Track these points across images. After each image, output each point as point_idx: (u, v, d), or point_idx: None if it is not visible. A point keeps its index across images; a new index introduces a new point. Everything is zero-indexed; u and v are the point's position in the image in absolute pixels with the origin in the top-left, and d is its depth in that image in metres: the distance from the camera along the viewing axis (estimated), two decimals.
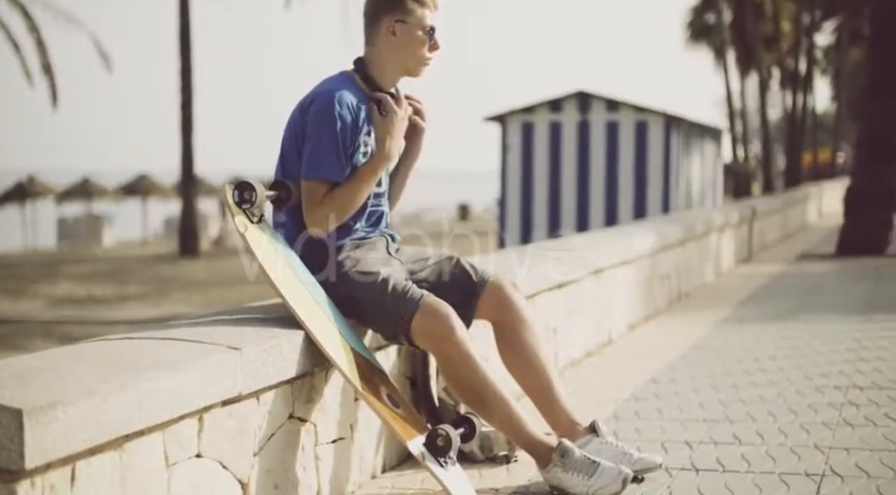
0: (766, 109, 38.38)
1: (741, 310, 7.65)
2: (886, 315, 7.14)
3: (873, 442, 3.90)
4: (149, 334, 2.95)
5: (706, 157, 21.09)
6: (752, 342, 6.15)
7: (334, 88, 3.45)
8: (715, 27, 39.50)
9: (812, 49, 39.61)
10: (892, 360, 5.45)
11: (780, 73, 47.19)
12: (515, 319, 3.62)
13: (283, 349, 3.03)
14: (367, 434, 3.61)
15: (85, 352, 2.68)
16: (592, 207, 17.73)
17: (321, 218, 3.37)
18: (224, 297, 19.42)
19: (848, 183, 12.71)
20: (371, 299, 3.37)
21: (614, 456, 3.44)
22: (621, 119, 17.73)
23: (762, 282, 9.38)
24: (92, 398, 2.29)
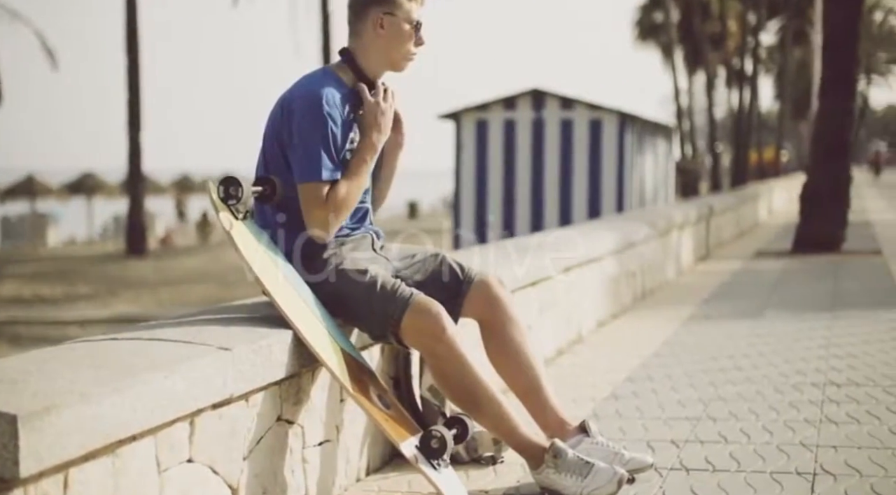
0: (714, 108, 38.66)
1: (707, 307, 7.65)
2: (851, 311, 7.16)
3: (859, 440, 3.87)
4: (134, 335, 2.84)
5: (658, 156, 21.16)
6: (724, 339, 6.13)
7: (318, 87, 3.36)
8: (663, 26, 39.75)
9: (758, 48, 39.98)
10: (863, 357, 5.45)
11: (726, 72, 47.63)
12: (503, 317, 3.55)
13: (273, 349, 2.94)
14: (352, 435, 3.53)
15: (72, 354, 2.57)
16: (547, 205, 17.71)
17: (324, 219, 3.28)
18: (174, 297, 19.20)
19: (794, 180, 12.80)
20: (359, 298, 3.28)
21: (605, 456, 3.38)
22: (576, 117, 17.73)
23: (723, 280, 9.40)
24: (86, 401, 2.19)
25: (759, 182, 35.02)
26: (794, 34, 48.60)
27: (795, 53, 51.89)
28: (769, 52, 53.27)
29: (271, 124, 3.42)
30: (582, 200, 17.64)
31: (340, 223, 3.34)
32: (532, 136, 17.68)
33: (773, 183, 27.94)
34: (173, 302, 18.54)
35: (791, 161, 70.67)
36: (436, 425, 3.23)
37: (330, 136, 3.28)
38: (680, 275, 9.75)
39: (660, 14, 41.82)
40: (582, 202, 17.63)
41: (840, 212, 11.91)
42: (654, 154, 20.43)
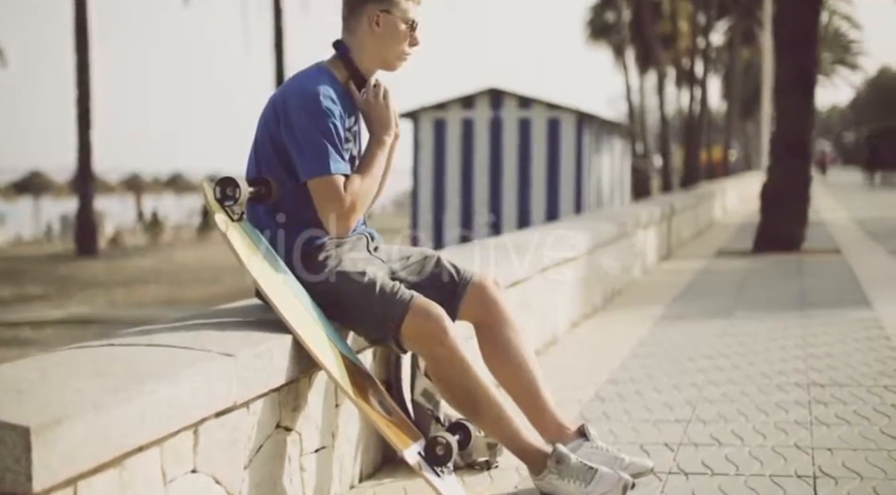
0: (665, 108, 38.88)
1: (677, 307, 7.64)
2: (821, 311, 7.18)
3: (853, 442, 3.85)
4: (132, 340, 2.76)
5: (615, 155, 21.22)
6: (699, 340, 6.12)
7: (313, 84, 3.29)
8: (614, 26, 39.92)
9: (708, 48, 40.27)
10: (842, 357, 5.45)
11: (675, 72, 47.95)
12: (500, 319, 3.49)
13: (274, 354, 2.86)
14: (347, 441, 3.45)
15: (74, 361, 2.48)
16: (505, 205, 17.68)
17: (342, 213, 3.22)
18: (128, 297, 18.94)
19: (745, 180, 12.87)
20: (357, 300, 3.21)
21: (605, 460, 3.32)
22: (534, 116, 17.71)
23: (689, 279, 9.40)
24: (97, 412, 2.10)
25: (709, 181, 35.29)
26: (742, 35, 49.05)
27: (744, 54, 52.36)
28: (717, 53, 53.66)
29: (264, 125, 3.34)
30: (540, 200, 17.63)
31: (359, 217, 3.29)
32: (490, 136, 17.64)
33: (727, 182, 28.13)
34: (127, 302, 18.28)
35: (738, 160, 71.31)
36: (439, 431, 3.16)
37: (333, 130, 3.20)
38: (646, 275, 9.75)
39: (612, 14, 42.01)
40: (540, 202, 17.62)
41: (800, 211, 11.98)
42: (610, 153, 20.47)
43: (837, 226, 16.45)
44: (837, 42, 71.06)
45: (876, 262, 10.48)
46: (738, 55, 49.27)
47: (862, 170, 46.57)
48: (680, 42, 44.09)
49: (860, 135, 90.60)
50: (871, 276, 9.16)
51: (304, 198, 3.29)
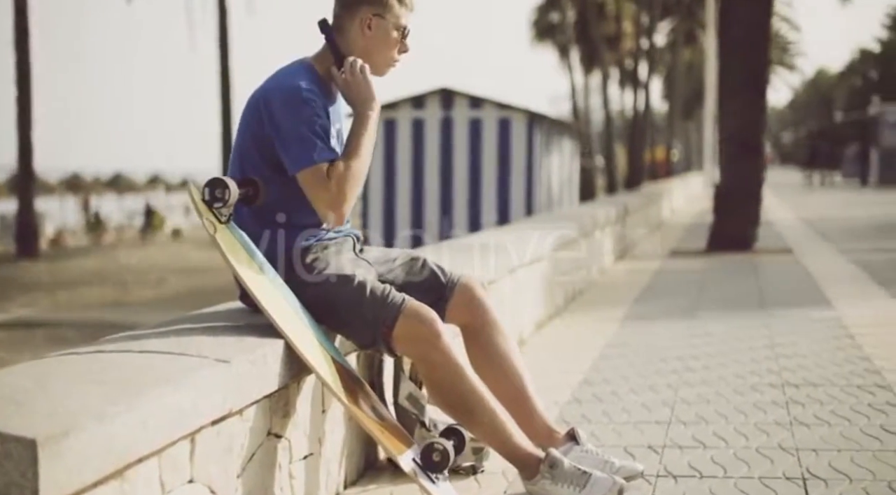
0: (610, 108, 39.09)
1: (639, 307, 7.64)
2: (783, 310, 7.21)
3: (836, 442, 3.85)
4: (122, 347, 2.67)
5: (564, 155, 21.25)
6: (666, 340, 6.11)
7: (292, 77, 3.22)
8: (559, 26, 40.06)
9: (652, 49, 40.55)
10: (811, 357, 5.46)
11: (619, 73, 48.25)
12: (487, 322, 3.45)
13: (267, 360, 2.79)
14: (332, 448, 3.38)
15: (67, 369, 2.39)
16: (456, 205, 17.62)
17: (331, 200, 3.11)
18: (72, 299, 18.65)
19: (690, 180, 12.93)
20: (347, 304, 3.14)
21: (596, 464, 3.29)
22: (484, 116, 17.66)
23: (647, 279, 9.42)
24: (102, 422, 2.02)
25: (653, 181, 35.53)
26: (684, 36, 49.50)
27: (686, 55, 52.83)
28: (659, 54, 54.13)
29: (245, 125, 3.27)
30: (491, 200, 17.58)
31: (351, 202, 3.16)
32: (441, 136, 17.57)
33: (673, 183, 28.32)
34: (71, 304, 17.99)
35: (680, 161, 71.91)
36: (431, 436, 3.10)
37: (315, 119, 3.12)
38: (604, 275, 9.75)
39: (556, 15, 42.16)
40: (491, 202, 17.57)
41: (753, 211, 12.06)
42: (560, 153, 20.49)
43: (785, 225, 16.61)
44: (776, 43, 71.84)
45: (829, 262, 10.57)
46: (680, 56, 49.72)
47: (802, 170, 47.15)
48: (624, 43, 44.35)
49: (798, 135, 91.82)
50: (827, 276, 9.23)
51: (289, 198, 3.22)
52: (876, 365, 5.20)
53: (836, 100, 78.35)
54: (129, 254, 27.54)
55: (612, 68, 45.54)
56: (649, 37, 39.94)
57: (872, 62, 67.37)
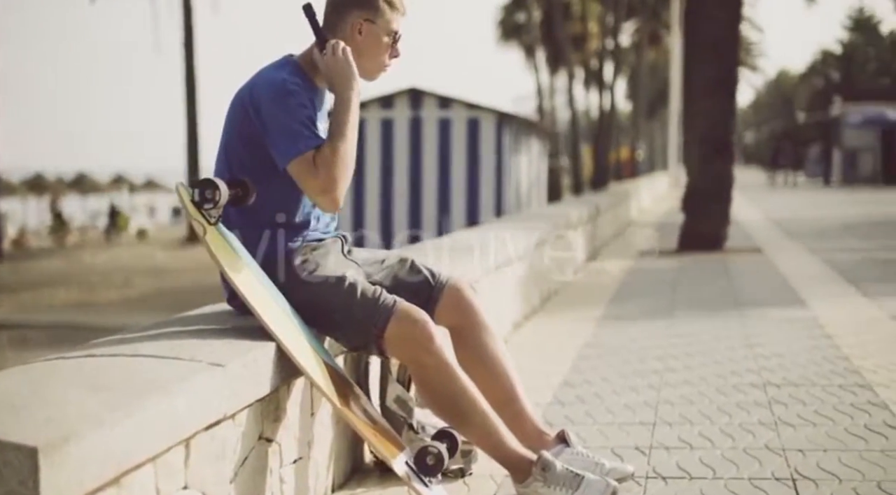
0: (575, 108, 39.16)
1: (615, 307, 7.63)
2: (758, 310, 7.23)
3: (822, 442, 3.85)
4: (112, 350, 2.62)
5: (532, 155, 21.25)
6: (644, 340, 6.11)
7: (278, 72, 3.19)
8: (525, 26, 40.10)
9: (618, 49, 40.68)
10: (790, 357, 5.48)
11: (584, 73, 48.38)
12: (476, 323, 3.43)
13: (259, 363, 2.75)
14: (321, 451, 3.34)
15: (61, 374, 2.35)
16: (425, 205, 17.58)
17: (321, 187, 3.03)
18: (37, 300, 18.49)
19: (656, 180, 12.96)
20: (338, 306, 3.11)
21: (586, 466, 3.27)
22: (453, 116, 17.62)
23: (621, 279, 9.43)
24: (101, 429, 1.98)
25: (618, 182, 35.66)
26: (649, 37, 49.71)
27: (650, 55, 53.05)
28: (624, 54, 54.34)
29: (230, 121, 3.23)
30: (460, 200, 17.54)
31: (342, 185, 3.06)
32: (410, 136, 17.52)
33: (640, 182, 28.42)
34: (37, 306, 17.83)
35: (644, 161, 72.25)
36: (417, 439, 3.07)
37: (301, 110, 3.07)
38: (577, 275, 9.75)
39: (522, 14, 42.21)
40: (460, 202, 17.54)
41: (723, 210, 12.10)
42: (528, 154, 20.49)
43: (752, 225, 16.69)
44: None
45: (799, 261, 10.63)
46: (645, 57, 49.93)
47: (766, 170, 47.49)
48: (589, 43, 44.48)
49: (761, 136, 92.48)
50: (798, 275, 9.28)
51: (277, 198, 3.18)
52: (855, 364, 5.22)
53: (797, 100, 78.98)
54: (94, 255, 27.35)
55: (577, 68, 45.64)
56: (614, 37, 40.06)
57: (834, 63, 67.94)
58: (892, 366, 5.15)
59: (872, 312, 6.98)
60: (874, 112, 40.51)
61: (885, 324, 6.49)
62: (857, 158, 40.08)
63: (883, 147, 39.71)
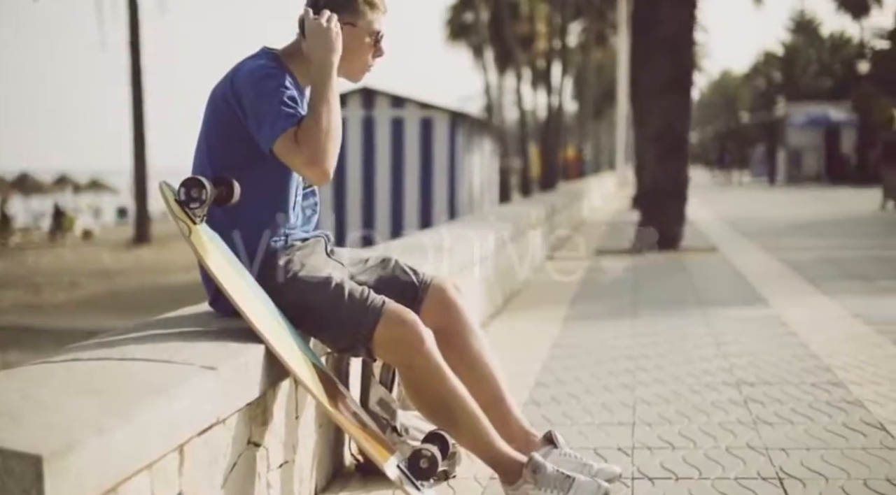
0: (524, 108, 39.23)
1: (579, 307, 7.62)
2: (720, 309, 7.24)
3: (803, 441, 3.84)
4: (99, 354, 2.55)
5: (484, 155, 21.24)
6: (611, 340, 6.10)
7: (254, 60, 3.15)
8: (473, 26, 40.10)
9: (565, 49, 40.81)
10: (761, 354, 5.48)
11: (531, 73, 48.50)
12: (461, 324, 3.38)
13: (250, 366, 2.69)
14: (305, 455, 3.28)
15: (50, 379, 2.27)
16: (378, 206, 17.50)
17: (305, 159, 2.93)
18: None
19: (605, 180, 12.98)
20: (325, 307, 3.04)
21: (575, 467, 3.23)
22: (406, 116, 17.56)
23: (581, 278, 9.42)
24: (102, 436, 1.91)
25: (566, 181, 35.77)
26: (595, 37, 49.93)
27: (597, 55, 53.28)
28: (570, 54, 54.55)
29: (210, 116, 3.15)
30: (414, 201, 17.48)
31: (330, 156, 2.97)
32: (362, 135, 17.43)
33: (590, 182, 28.53)
34: None
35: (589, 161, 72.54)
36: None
37: (282, 90, 2.99)
38: (537, 275, 9.73)
39: (470, 14, 42.20)
40: (413, 202, 17.48)
41: (678, 209, 12.14)
42: (481, 153, 20.48)
43: (704, 224, 16.78)
44: None
45: (755, 260, 10.69)
46: (591, 57, 50.13)
47: (712, 169, 47.88)
48: (537, 43, 44.58)
49: (705, 135, 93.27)
50: (756, 274, 9.33)
51: (259, 197, 3.12)
52: (825, 362, 5.23)
53: (740, 101, 79.78)
54: (39, 257, 26.94)
55: (524, 68, 45.73)
56: (562, 37, 40.18)
57: (776, 64, 68.70)
58: (861, 363, 5.17)
59: (835, 310, 7.02)
60: (818, 112, 41.01)
61: (848, 322, 6.53)
62: (802, 158, 40.53)
63: (826, 147, 40.20)
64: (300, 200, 3.27)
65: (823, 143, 40.30)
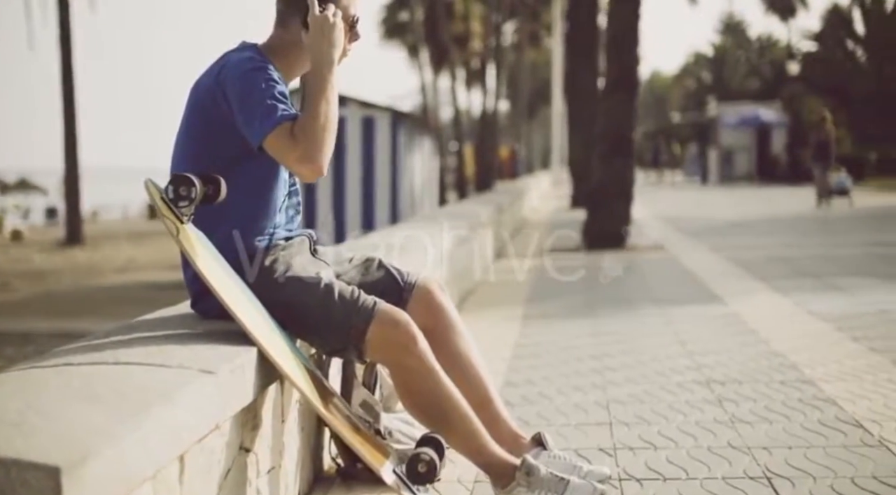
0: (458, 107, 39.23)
1: (536, 306, 7.59)
2: (679, 307, 7.25)
3: (783, 439, 3.83)
4: (91, 358, 2.44)
5: (425, 155, 21.17)
6: (574, 339, 6.07)
7: (240, 52, 3.08)
8: (408, 25, 40.02)
9: (500, 49, 40.89)
10: (724, 353, 5.48)
11: (465, 73, 48.55)
12: (447, 325, 3.31)
13: (245, 370, 2.59)
14: (290, 460, 3.19)
15: (48, 385, 2.16)
16: (319, 207, 17.34)
17: (300, 156, 2.85)
18: None
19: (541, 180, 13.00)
20: (315, 308, 2.96)
21: (565, 469, 3.18)
22: (347, 114, 17.40)
23: (533, 277, 9.38)
24: (114, 445, 1.82)
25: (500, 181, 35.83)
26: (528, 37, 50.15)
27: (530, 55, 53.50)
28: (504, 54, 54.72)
29: (193, 112, 3.05)
30: (356, 201, 17.35)
31: (326, 151, 2.89)
32: None
33: (529, 181, 28.60)
34: None
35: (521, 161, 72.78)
36: (420, 447, 2.94)
37: (273, 84, 2.92)
38: (488, 274, 9.68)
39: (405, 13, 42.14)
40: (355, 203, 17.34)
41: (625, 208, 12.19)
42: (421, 153, 20.40)
43: (645, 222, 16.84)
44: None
45: (702, 258, 10.73)
46: (524, 57, 50.34)
47: (645, 169, 48.29)
48: (472, 43, 44.62)
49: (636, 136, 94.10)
50: (706, 272, 9.37)
51: (243, 195, 3.03)
52: (790, 360, 5.24)
53: (671, 101, 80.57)
54: None
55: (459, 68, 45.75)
56: (497, 37, 40.28)
57: (706, 65, 69.50)
58: (827, 361, 5.19)
59: (789, 308, 7.06)
60: (749, 112, 41.46)
61: (805, 319, 6.56)
62: (734, 158, 40.94)
63: (758, 146, 40.68)
64: (285, 199, 3.19)
65: (755, 143, 40.77)
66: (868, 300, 7.30)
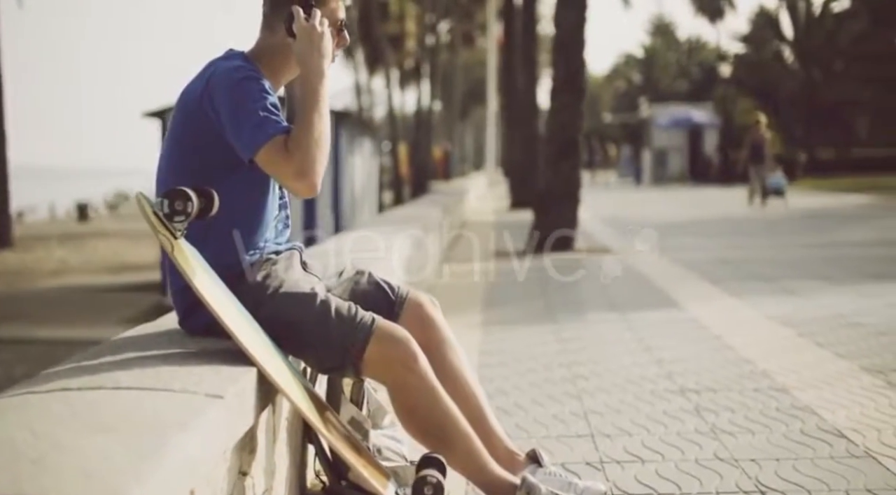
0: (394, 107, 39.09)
1: (493, 312, 7.51)
2: (638, 312, 7.21)
3: (769, 450, 3.80)
4: (87, 383, 2.31)
5: (365, 156, 21.02)
6: (538, 347, 6.01)
7: (229, 61, 2.96)
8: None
9: (437, 49, 40.82)
10: (693, 361, 5.46)
11: (399, 73, 48.43)
12: (439, 339, 3.23)
13: (247, 391, 2.49)
14: (279, 481, 3.09)
15: (51, 414, 2.04)
16: None
17: (295, 172, 2.76)
18: None
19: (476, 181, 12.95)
20: (310, 325, 2.86)
21: (561, 486, 3.12)
22: None
23: (486, 281, 9.32)
24: (140, 482, 1.71)
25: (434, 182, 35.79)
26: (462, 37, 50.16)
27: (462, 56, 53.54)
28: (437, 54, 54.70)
29: (180, 123, 2.94)
30: (297, 204, 17.15)
31: (320, 167, 2.80)
32: None
33: (466, 182, 28.57)
34: None
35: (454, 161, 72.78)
36: (424, 469, 2.84)
37: (264, 96, 2.82)
38: (439, 279, 9.61)
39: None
40: (297, 204, 17.14)
41: (572, 211, 12.16)
42: (361, 154, 20.25)
43: (587, 224, 16.86)
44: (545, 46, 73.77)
45: (652, 261, 10.71)
46: (457, 57, 50.36)
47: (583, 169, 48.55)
48: (407, 43, 44.53)
49: None
50: (659, 276, 9.36)
51: (232, 208, 2.91)
52: (760, 367, 5.23)
53: (601, 102, 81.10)
54: None
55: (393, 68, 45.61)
56: (435, 37, 40.24)
57: (636, 66, 70.10)
58: (796, 367, 5.19)
59: (748, 312, 7.07)
60: (681, 113, 41.86)
61: (765, 324, 6.57)
62: (667, 158, 41.31)
63: (690, 147, 41.07)
64: (274, 212, 3.08)
65: (687, 144, 41.16)
66: (821, 303, 7.34)
